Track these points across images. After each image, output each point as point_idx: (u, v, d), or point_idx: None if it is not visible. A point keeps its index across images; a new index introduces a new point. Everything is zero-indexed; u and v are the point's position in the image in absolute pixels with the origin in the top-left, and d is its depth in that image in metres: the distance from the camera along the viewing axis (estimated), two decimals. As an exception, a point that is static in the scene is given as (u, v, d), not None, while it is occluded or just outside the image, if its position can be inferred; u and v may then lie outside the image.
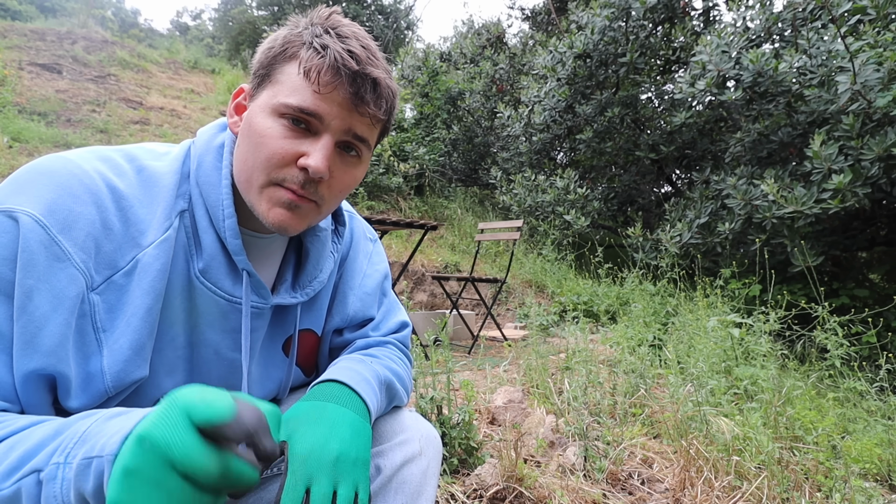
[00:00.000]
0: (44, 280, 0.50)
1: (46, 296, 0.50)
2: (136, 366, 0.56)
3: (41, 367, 0.50)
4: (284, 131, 0.58)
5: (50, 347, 0.50)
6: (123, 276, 0.56)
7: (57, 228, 0.51)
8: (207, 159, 0.64)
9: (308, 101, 0.57)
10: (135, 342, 0.56)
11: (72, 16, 10.91)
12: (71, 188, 0.53)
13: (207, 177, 0.63)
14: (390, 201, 6.66)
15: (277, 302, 0.68)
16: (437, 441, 0.69)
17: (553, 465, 1.52)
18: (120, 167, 0.59)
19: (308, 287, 0.73)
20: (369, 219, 2.85)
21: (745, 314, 2.69)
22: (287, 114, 0.58)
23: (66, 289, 0.51)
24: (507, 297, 5.43)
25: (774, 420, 1.63)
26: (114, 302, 0.55)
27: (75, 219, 0.52)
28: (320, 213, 0.64)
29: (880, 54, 3.34)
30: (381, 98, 0.60)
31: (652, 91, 6.08)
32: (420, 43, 14.14)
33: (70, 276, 0.51)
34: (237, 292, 0.64)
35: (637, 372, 2.04)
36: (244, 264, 0.63)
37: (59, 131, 5.60)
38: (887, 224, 4.73)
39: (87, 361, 0.54)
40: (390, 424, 0.68)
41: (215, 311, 0.63)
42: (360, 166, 0.65)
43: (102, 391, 0.55)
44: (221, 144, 0.65)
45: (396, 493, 0.61)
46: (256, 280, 0.65)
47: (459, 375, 2.43)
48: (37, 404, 0.51)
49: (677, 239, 4.50)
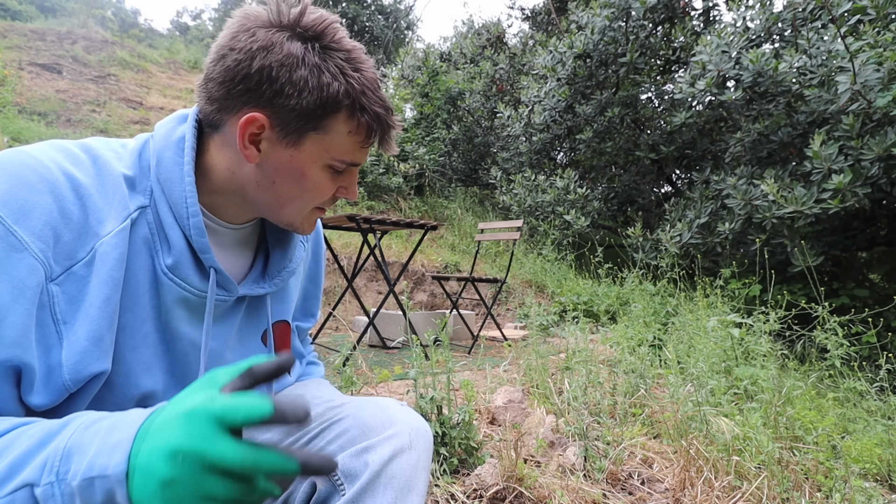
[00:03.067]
0: (2, 271, 0.49)
1: (6, 286, 0.49)
2: (94, 357, 0.55)
3: (6, 358, 0.49)
4: (332, 176, 0.67)
5: (13, 338, 0.49)
6: (84, 266, 0.55)
7: (12, 218, 0.50)
8: (167, 155, 0.63)
9: (357, 156, 0.66)
10: (92, 333, 0.55)
11: (72, 16, 10.91)
12: (25, 178, 0.52)
13: (168, 173, 0.62)
14: (390, 201, 6.66)
15: (244, 292, 0.69)
16: (427, 434, 0.69)
17: (553, 465, 1.52)
18: (77, 157, 0.58)
19: (276, 277, 0.73)
20: (369, 219, 2.85)
21: (745, 314, 2.69)
22: (338, 167, 0.66)
23: (25, 279, 0.50)
24: (507, 297, 5.43)
25: (774, 420, 1.64)
26: (74, 293, 0.54)
27: (31, 208, 0.51)
28: None
29: (880, 54, 3.34)
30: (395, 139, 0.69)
31: (652, 91, 6.08)
32: (420, 43, 14.15)
33: (29, 266, 0.50)
34: (206, 287, 0.64)
35: (637, 372, 2.04)
36: (211, 262, 0.63)
37: (59, 131, 5.60)
38: (887, 224, 4.73)
39: (48, 354, 0.53)
40: (379, 418, 0.67)
41: (184, 306, 0.63)
42: None
43: (61, 385, 0.54)
44: (181, 138, 0.64)
45: (386, 488, 0.60)
46: (224, 276, 0.65)
47: (459, 375, 2.43)
48: (3, 399, 0.51)
49: (677, 239, 4.50)
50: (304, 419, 0.43)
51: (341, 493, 0.61)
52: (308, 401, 0.46)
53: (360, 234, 3.20)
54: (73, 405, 0.57)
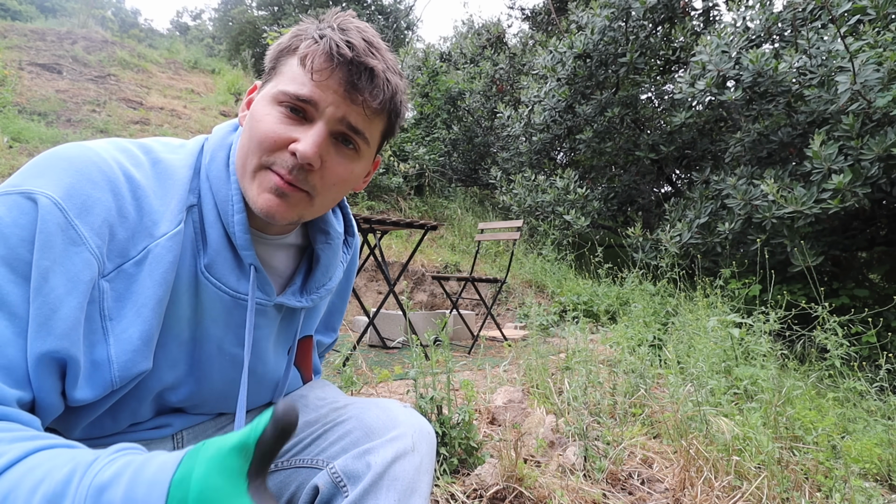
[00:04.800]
0: (60, 262, 0.50)
1: (62, 278, 0.50)
2: (143, 357, 0.56)
3: (54, 349, 0.49)
4: (281, 118, 0.59)
5: (64, 330, 0.50)
6: (134, 265, 0.56)
7: (74, 212, 0.51)
8: (220, 155, 0.65)
9: (304, 88, 0.58)
10: (145, 333, 0.56)
11: (72, 16, 10.91)
12: (90, 174, 0.54)
13: (218, 172, 0.63)
14: (390, 201, 6.66)
15: (281, 301, 0.68)
16: (430, 436, 0.68)
17: (553, 465, 1.52)
18: (137, 158, 0.60)
19: (315, 293, 0.73)
20: (369, 219, 2.85)
21: (744, 314, 2.69)
22: (285, 101, 0.59)
23: (80, 272, 0.51)
24: (507, 297, 5.43)
25: (774, 420, 1.63)
26: (122, 291, 0.55)
27: (93, 204, 0.53)
28: (312, 205, 0.63)
29: (880, 54, 3.34)
30: (377, 87, 0.60)
31: (652, 91, 6.08)
32: (420, 43, 14.14)
33: (85, 261, 0.52)
34: (241, 288, 0.64)
35: (637, 372, 2.04)
36: (251, 259, 0.63)
37: (59, 131, 5.60)
38: (887, 224, 4.73)
39: (92, 350, 0.54)
40: (382, 420, 0.67)
41: (219, 306, 0.63)
42: (357, 161, 0.64)
43: (108, 381, 0.54)
44: (232, 143, 0.66)
45: (388, 490, 0.60)
46: (262, 276, 0.65)
47: (459, 375, 2.43)
48: (48, 390, 0.51)
49: (677, 239, 4.50)
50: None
51: (344, 494, 0.61)
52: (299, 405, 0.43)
53: (360, 233, 3.20)
54: (108, 398, 0.57)
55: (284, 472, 0.68)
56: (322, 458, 0.66)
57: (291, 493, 0.67)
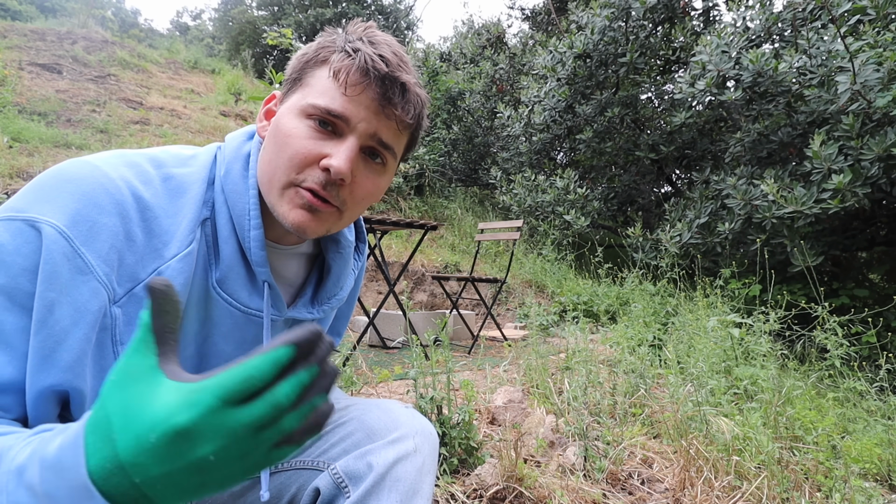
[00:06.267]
0: (66, 293, 0.48)
1: (68, 310, 0.48)
2: None
3: (58, 382, 0.48)
4: (310, 132, 0.58)
5: (68, 363, 0.49)
6: (144, 288, 0.55)
7: (80, 240, 0.50)
8: (236, 167, 0.63)
9: (336, 102, 0.57)
10: None
11: (72, 16, 10.91)
12: (96, 198, 0.52)
13: (235, 185, 0.62)
14: (390, 201, 6.66)
15: (292, 315, 0.68)
16: (433, 437, 0.68)
17: (553, 465, 1.52)
18: (146, 174, 0.58)
19: (326, 304, 0.72)
20: (369, 219, 2.85)
21: (744, 314, 2.69)
22: (314, 115, 0.58)
23: (87, 303, 0.50)
24: (507, 297, 5.43)
25: (774, 420, 1.63)
26: (133, 314, 0.54)
27: (99, 230, 0.51)
28: (341, 220, 0.62)
29: (880, 54, 3.34)
30: (409, 103, 0.59)
31: (652, 91, 6.08)
32: (420, 43, 14.13)
33: (92, 290, 0.50)
34: (253, 304, 0.63)
35: (637, 372, 2.04)
36: (265, 276, 0.62)
37: (59, 131, 5.60)
38: (887, 224, 4.73)
39: (104, 375, 0.53)
40: (384, 421, 0.66)
41: (230, 322, 0.62)
42: (384, 175, 0.64)
43: None
44: (248, 153, 0.64)
45: (390, 492, 0.60)
46: (275, 292, 0.64)
47: (459, 375, 2.43)
48: (46, 419, 0.50)
49: (677, 239, 4.50)
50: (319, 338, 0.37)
51: (346, 495, 0.61)
52: None
53: (360, 234, 3.19)
54: None
55: (285, 474, 0.68)
56: (323, 460, 0.65)
57: (292, 495, 0.66)
